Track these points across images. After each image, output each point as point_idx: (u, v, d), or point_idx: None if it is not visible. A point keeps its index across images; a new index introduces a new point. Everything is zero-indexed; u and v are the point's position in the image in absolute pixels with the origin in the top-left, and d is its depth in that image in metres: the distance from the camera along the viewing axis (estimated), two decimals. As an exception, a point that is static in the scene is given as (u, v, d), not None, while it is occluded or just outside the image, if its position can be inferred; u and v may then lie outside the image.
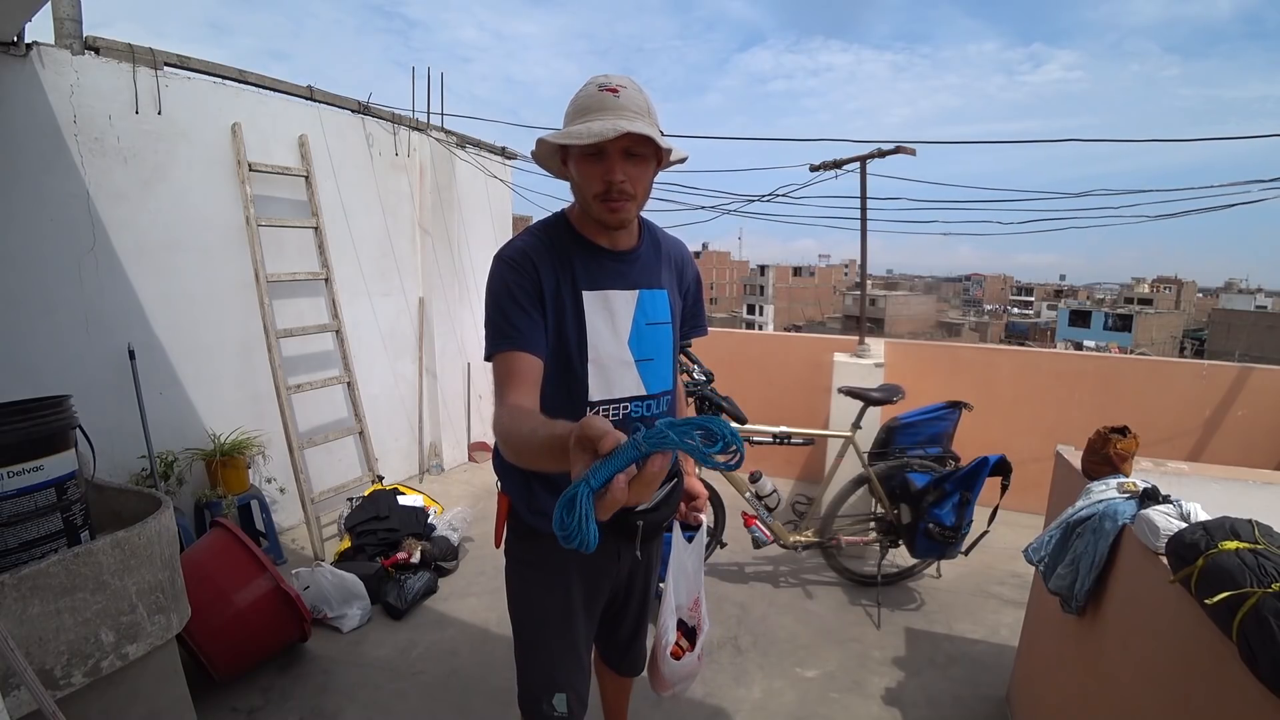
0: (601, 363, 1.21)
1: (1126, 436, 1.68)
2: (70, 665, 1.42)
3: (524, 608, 1.38)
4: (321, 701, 2.22)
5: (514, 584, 1.40)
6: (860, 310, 4.08)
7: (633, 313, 1.24)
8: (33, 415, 1.50)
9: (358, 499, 3.37)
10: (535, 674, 1.36)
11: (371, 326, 3.93)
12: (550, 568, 1.33)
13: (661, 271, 1.31)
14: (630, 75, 1.15)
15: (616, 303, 1.23)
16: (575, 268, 1.20)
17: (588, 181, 1.12)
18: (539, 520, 1.28)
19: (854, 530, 3.02)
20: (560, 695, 1.33)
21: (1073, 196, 4.27)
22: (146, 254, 2.84)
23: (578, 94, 1.13)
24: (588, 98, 1.10)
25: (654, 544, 1.51)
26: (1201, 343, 39.21)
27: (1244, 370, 3.68)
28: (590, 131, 1.03)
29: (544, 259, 1.18)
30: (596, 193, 1.12)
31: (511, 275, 1.16)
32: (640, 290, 1.26)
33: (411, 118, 4.11)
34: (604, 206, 1.13)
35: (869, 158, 3.53)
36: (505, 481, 1.35)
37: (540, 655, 1.36)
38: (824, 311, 56.49)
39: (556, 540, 1.23)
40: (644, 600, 1.54)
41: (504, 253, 1.20)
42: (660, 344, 1.29)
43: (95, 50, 2.63)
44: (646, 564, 1.50)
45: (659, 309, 1.29)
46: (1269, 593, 0.97)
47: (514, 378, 1.11)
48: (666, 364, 1.32)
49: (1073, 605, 1.61)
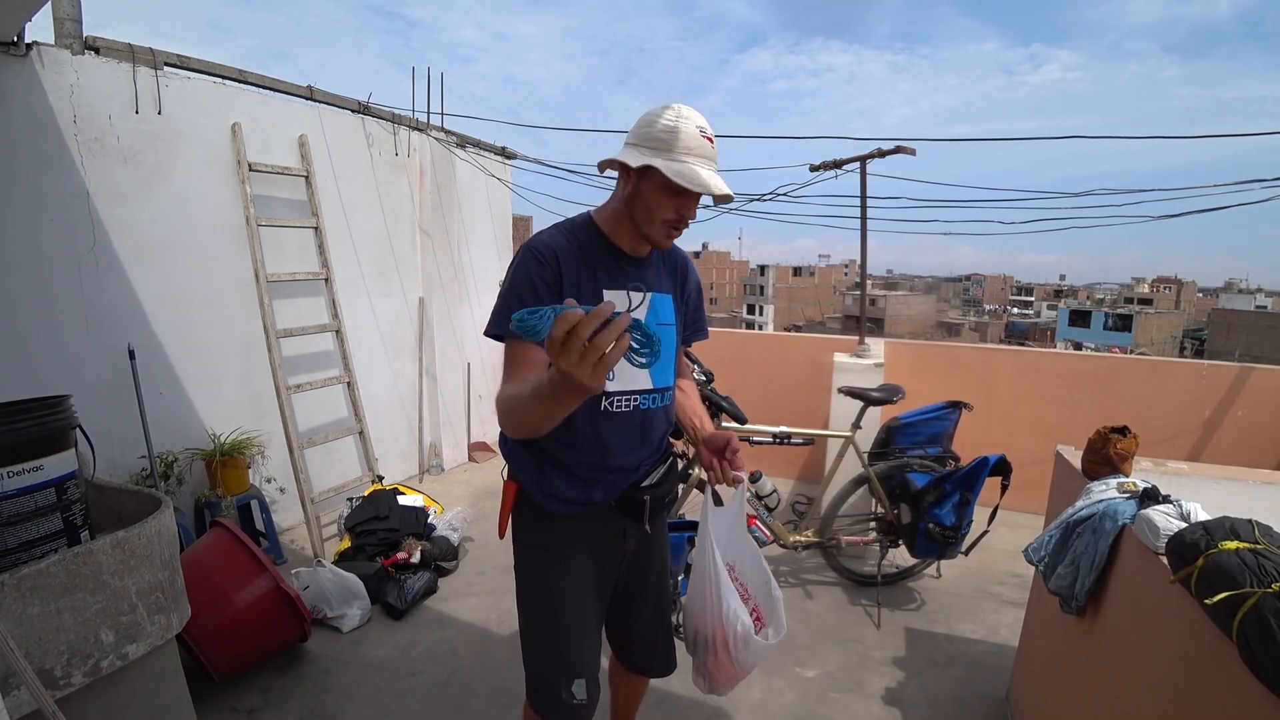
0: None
1: (1126, 436, 1.68)
2: (70, 665, 1.42)
3: (539, 591, 1.39)
4: (321, 701, 2.22)
5: (526, 568, 1.41)
6: (860, 310, 4.08)
7: (645, 313, 1.35)
8: (33, 415, 1.50)
9: (358, 499, 3.37)
10: (551, 660, 1.36)
11: (371, 326, 3.93)
12: (562, 547, 1.37)
13: (669, 278, 1.43)
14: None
15: (632, 301, 1.33)
16: (597, 267, 1.30)
17: (661, 209, 1.24)
18: (550, 502, 1.34)
19: (854, 530, 3.02)
20: (579, 681, 1.34)
21: (1073, 196, 4.27)
22: (146, 254, 2.84)
23: (680, 125, 1.20)
24: (693, 138, 1.21)
25: (660, 525, 1.52)
26: (1201, 343, 39.19)
27: (1244, 370, 3.68)
28: (702, 182, 1.18)
29: (569, 257, 1.27)
30: (667, 219, 1.25)
31: (536, 267, 1.24)
32: (653, 293, 1.37)
33: (411, 118, 4.11)
34: (667, 232, 1.28)
35: (869, 157, 3.53)
36: (515, 465, 1.38)
37: (558, 638, 1.36)
38: (824, 311, 56.49)
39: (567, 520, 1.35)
40: (661, 595, 1.55)
41: (532, 244, 1.28)
42: (666, 344, 1.37)
43: (95, 50, 2.63)
44: (659, 558, 1.54)
45: (666, 311, 1.40)
46: (1269, 593, 0.97)
47: (521, 363, 1.19)
48: (670, 362, 1.42)
49: (1073, 605, 1.61)
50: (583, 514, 1.36)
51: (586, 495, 1.34)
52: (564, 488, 1.33)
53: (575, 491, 1.34)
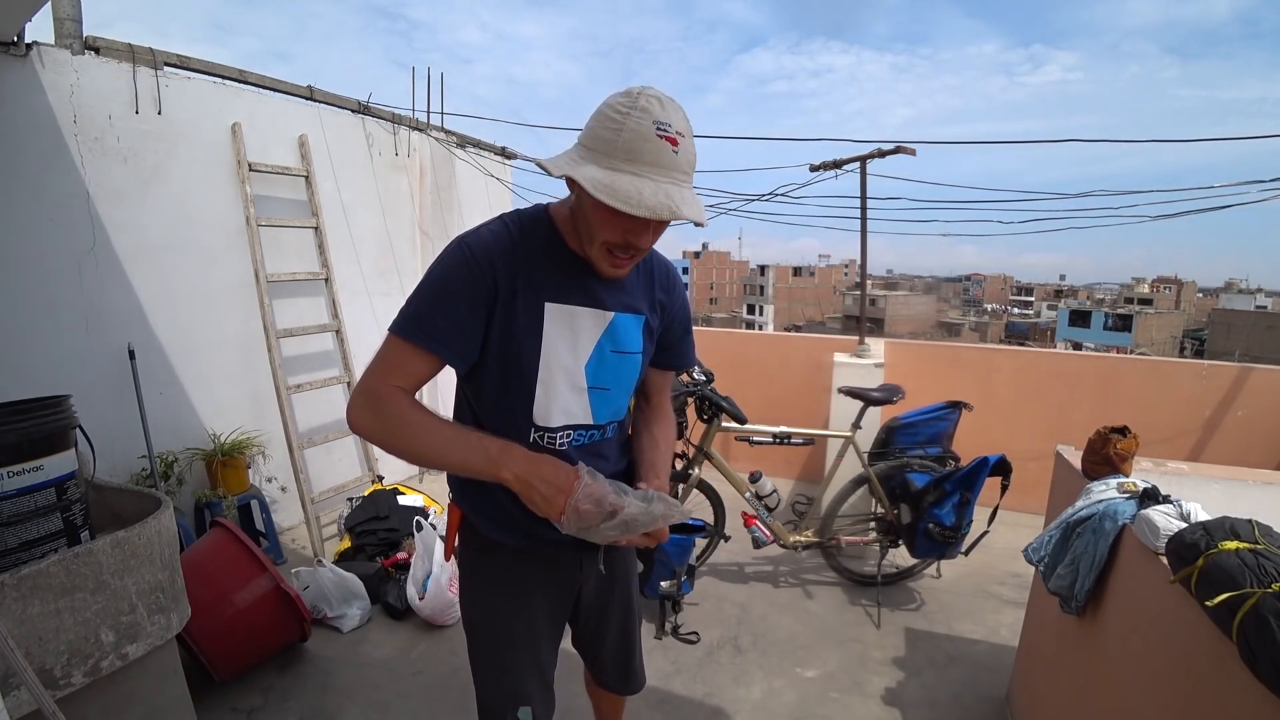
0: (551, 383, 1.10)
1: (1126, 436, 1.68)
2: (70, 665, 1.42)
3: (483, 621, 1.27)
4: (321, 701, 2.22)
5: (470, 597, 1.28)
6: (860, 310, 4.08)
7: (599, 336, 1.12)
8: (33, 415, 1.50)
9: (358, 499, 3.37)
10: (498, 688, 1.27)
11: (371, 326, 3.93)
12: (510, 582, 1.25)
13: (643, 295, 1.19)
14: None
15: (582, 321, 1.10)
16: (544, 274, 1.07)
17: (605, 229, 0.99)
18: (499, 533, 1.20)
19: (854, 530, 3.02)
20: (525, 709, 1.25)
21: (1073, 197, 4.28)
22: (146, 254, 2.84)
23: (628, 120, 0.93)
24: (640, 139, 0.93)
25: (620, 559, 1.38)
26: (1201, 343, 39.19)
27: (1244, 370, 3.68)
28: (643, 204, 0.91)
29: (508, 258, 1.05)
30: (609, 242, 1.01)
31: (462, 271, 1.03)
32: (615, 314, 1.13)
33: (411, 118, 4.11)
34: (610, 258, 1.03)
35: (869, 158, 3.53)
36: (460, 493, 1.24)
37: (503, 668, 1.26)
38: (824, 311, 56.49)
39: (516, 553, 1.23)
40: (626, 618, 1.44)
41: (467, 240, 1.06)
42: (622, 374, 1.17)
43: (95, 50, 2.63)
44: (623, 580, 1.40)
45: (630, 338, 1.16)
46: (1269, 593, 0.97)
47: (403, 372, 1.05)
48: (623, 395, 1.20)
49: (1072, 605, 1.61)
50: (531, 547, 1.21)
51: (533, 533, 1.17)
52: (507, 523, 1.18)
53: (520, 527, 1.17)
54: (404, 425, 1.03)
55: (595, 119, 0.98)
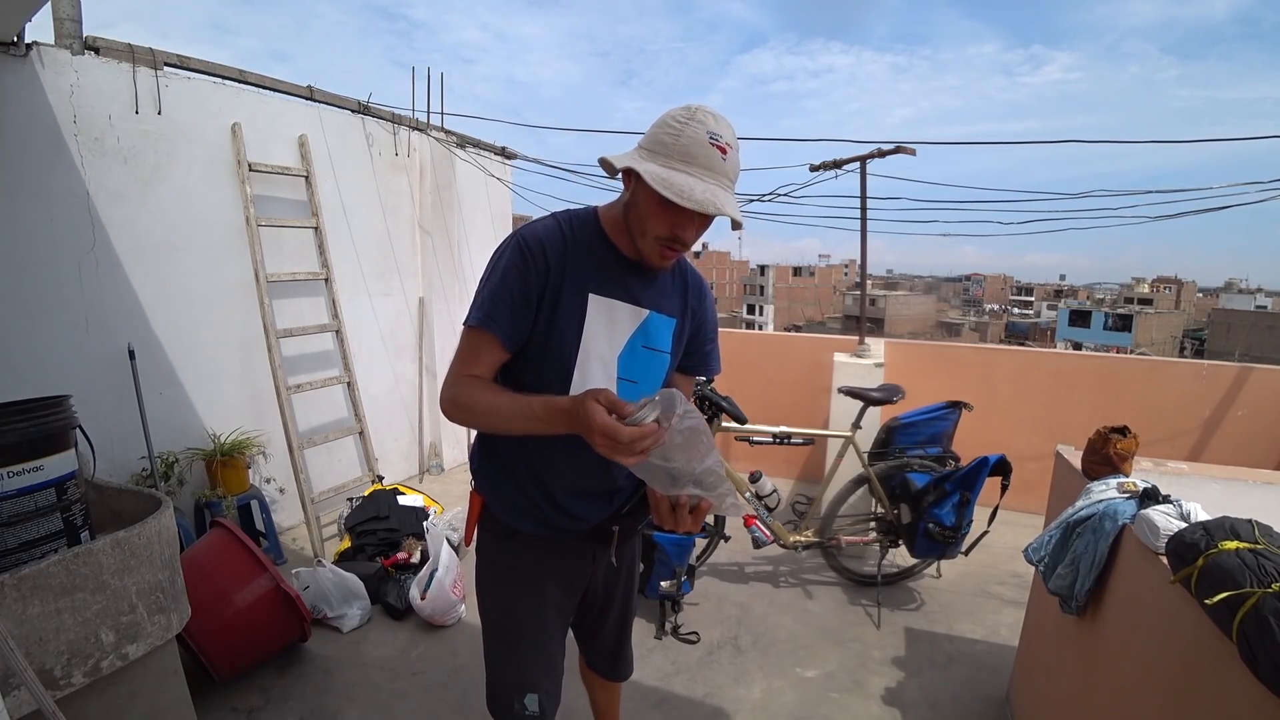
0: (587, 367, 1.19)
1: (1126, 436, 1.68)
2: (70, 665, 1.42)
3: (497, 608, 1.36)
4: (321, 701, 2.22)
5: (486, 584, 1.37)
6: (860, 310, 4.08)
7: (632, 331, 1.22)
8: (33, 415, 1.50)
9: (358, 499, 3.37)
10: (507, 674, 1.35)
11: (371, 326, 3.93)
12: (524, 568, 1.32)
13: (677, 301, 1.29)
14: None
15: (620, 314, 1.20)
16: (589, 269, 1.17)
17: (656, 222, 1.10)
18: (517, 520, 1.28)
19: (854, 530, 3.02)
20: (532, 695, 1.33)
21: (1073, 197, 4.28)
22: (146, 254, 2.84)
23: (686, 129, 1.06)
24: (696, 144, 1.05)
25: (629, 549, 1.49)
26: (1201, 343, 39.18)
27: (1244, 370, 3.68)
28: (694, 199, 1.01)
29: (560, 253, 1.16)
30: (660, 236, 1.11)
31: (520, 261, 1.14)
32: (650, 312, 1.23)
33: (411, 118, 4.11)
34: (660, 250, 1.13)
35: (869, 158, 3.53)
36: (482, 481, 1.33)
37: (513, 655, 1.34)
38: (824, 311, 56.49)
39: (532, 540, 1.30)
40: (625, 605, 1.53)
41: (524, 233, 1.18)
42: (650, 370, 1.26)
43: (95, 50, 2.63)
44: (627, 569, 1.50)
45: (662, 337, 1.26)
46: (1269, 593, 0.97)
47: (480, 358, 1.16)
48: (649, 391, 1.20)
49: (1072, 605, 1.61)
50: (548, 536, 1.30)
51: (551, 521, 1.28)
52: (530, 511, 1.28)
53: (541, 516, 1.27)
54: (478, 409, 1.14)
55: (656, 127, 1.10)
